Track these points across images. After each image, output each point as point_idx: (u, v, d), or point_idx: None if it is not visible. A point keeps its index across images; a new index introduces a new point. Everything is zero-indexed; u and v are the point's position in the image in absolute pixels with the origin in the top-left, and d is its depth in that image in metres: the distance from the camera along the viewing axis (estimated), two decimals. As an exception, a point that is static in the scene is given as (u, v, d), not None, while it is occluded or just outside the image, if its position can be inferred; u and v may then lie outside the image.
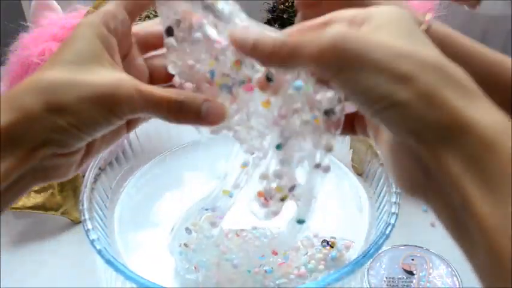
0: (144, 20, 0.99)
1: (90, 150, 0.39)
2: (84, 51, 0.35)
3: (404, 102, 0.27)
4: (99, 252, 0.57)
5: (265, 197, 0.43)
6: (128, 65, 0.40)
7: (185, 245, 0.60)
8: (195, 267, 0.61)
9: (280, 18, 1.05)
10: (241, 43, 0.33)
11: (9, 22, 0.78)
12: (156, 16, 1.09)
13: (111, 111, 0.34)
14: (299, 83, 0.34)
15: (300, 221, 0.44)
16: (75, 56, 0.35)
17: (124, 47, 0.39)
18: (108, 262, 0.57)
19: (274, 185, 0.42)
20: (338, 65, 0.29)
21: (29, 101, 0.33)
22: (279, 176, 0.41)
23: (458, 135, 0.26)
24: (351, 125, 0.39)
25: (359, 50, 0.28)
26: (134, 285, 0.56)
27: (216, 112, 0.37)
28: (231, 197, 0.52)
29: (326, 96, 0.34)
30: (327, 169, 0.39)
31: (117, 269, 0.57)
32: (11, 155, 0.32)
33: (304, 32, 0.34)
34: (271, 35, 0.32)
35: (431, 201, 0.30)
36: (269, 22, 1.07)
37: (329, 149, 0.38)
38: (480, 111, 0.27)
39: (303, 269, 0.61)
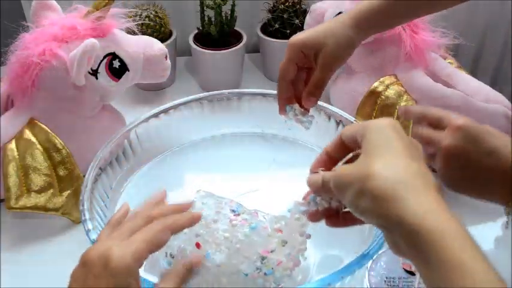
0: (144, 20, 1.00)
1: None
2: None
3: (361, 204, 0.41)
4: (99, 252, 0.57)
5: None
6: None
7: (171, 255, 0.59)
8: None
9: (280, 18, 1.05)
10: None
11: (9, 22, 0.77)
12: (156, 16, 1.08)
13: None
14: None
15: None
16: None
17: None
18: (108, 262, 0.57)
19: None
20: (338, 194, 0.45)
21: None
22: None
23: (394, 225, 0.39)
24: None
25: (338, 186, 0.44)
26: (134, 285, 0.56)
27: None
28: None
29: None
30: None
31: (117, 269, 0.57)
32: None
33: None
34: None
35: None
36: (269, 22, 1.07)
37: None
38: (410, 203, 0.38)
39: (296, 259, 0.59)
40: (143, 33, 0.91)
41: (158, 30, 1.02)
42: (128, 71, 0.81)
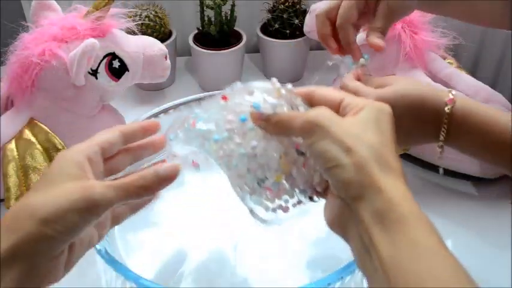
0: (144, 20, 1.00)
1: (71, 253, 0.44)
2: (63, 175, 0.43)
3: (344, 165, 0.40)
4: (99, 252, 0.57)
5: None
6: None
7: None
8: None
9: (280, 18, 1.05)
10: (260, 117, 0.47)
11: (9, 22, 0.78)
12: (156, 16, 1.08)
13: (88, 211, 0.41)
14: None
15: None
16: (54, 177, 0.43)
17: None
18: (108, 262, 0.57)
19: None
20: (311, 132, 0.43)
21: (26, 224, 0.40)
22: None
23: (372, 194, 0.39)
24: None
25: (326, 125, 0.42)
26: (134, 285, 0.56)
27: (169, 171, 0.46)
28: None
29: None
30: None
31: (117, 269, 0.57)
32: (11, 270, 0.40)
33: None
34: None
35: (350, 238, 0.42)
36: (269, 22, 1.07)
37: None
38: (390, 182, 0.40)
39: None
40: (143, 33, 0.91)
41: (158, 30, 1.02)
42: (128, 71, 0.81)
